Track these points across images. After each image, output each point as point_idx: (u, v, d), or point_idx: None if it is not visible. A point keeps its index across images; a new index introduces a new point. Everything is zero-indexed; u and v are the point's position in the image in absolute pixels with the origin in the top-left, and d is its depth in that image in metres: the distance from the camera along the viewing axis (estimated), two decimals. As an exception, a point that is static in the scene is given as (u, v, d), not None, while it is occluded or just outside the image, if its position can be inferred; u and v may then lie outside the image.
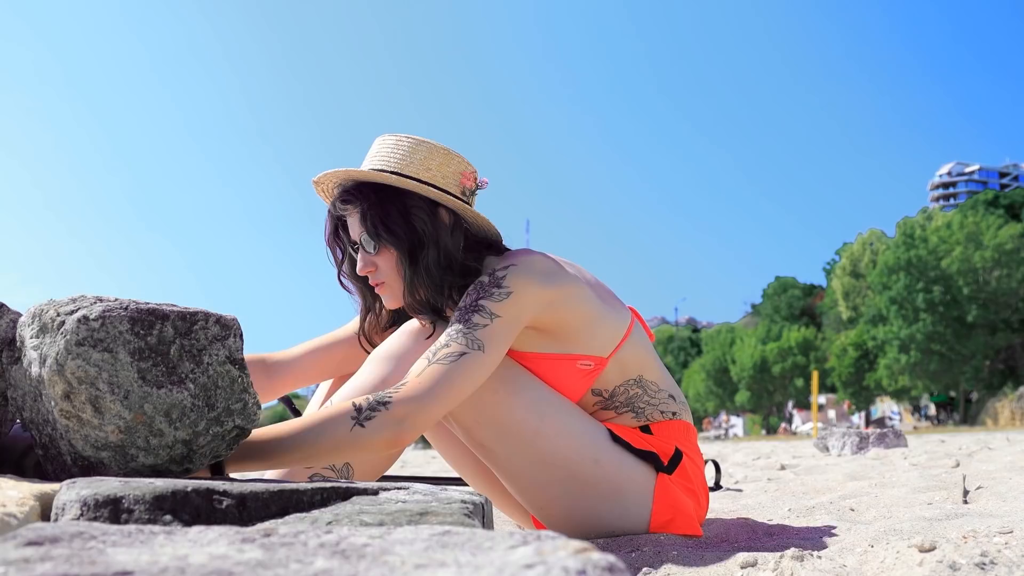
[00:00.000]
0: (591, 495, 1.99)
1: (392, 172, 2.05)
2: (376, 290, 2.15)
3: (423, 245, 2.05)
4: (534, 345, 2.04)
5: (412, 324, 2.13)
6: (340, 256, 2.24)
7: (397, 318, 2.30)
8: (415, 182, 2.03)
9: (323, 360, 2.40)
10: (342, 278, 2.27)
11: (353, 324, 2.41)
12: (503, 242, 2.16)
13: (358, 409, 1.77)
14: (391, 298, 2.13)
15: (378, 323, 2.32)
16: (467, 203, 2.09)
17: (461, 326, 1.89)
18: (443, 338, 1.89)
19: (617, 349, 2.07)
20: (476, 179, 2.13)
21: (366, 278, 2.20)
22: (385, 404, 1.78)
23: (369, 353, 2.27)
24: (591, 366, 2.04)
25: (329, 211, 2.20)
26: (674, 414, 2.13)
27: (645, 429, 2.10)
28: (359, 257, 2.12)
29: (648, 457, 2.02)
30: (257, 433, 1.72)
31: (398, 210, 2.06)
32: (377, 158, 2.11)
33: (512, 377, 1.99)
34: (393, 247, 2.07)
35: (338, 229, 2.21)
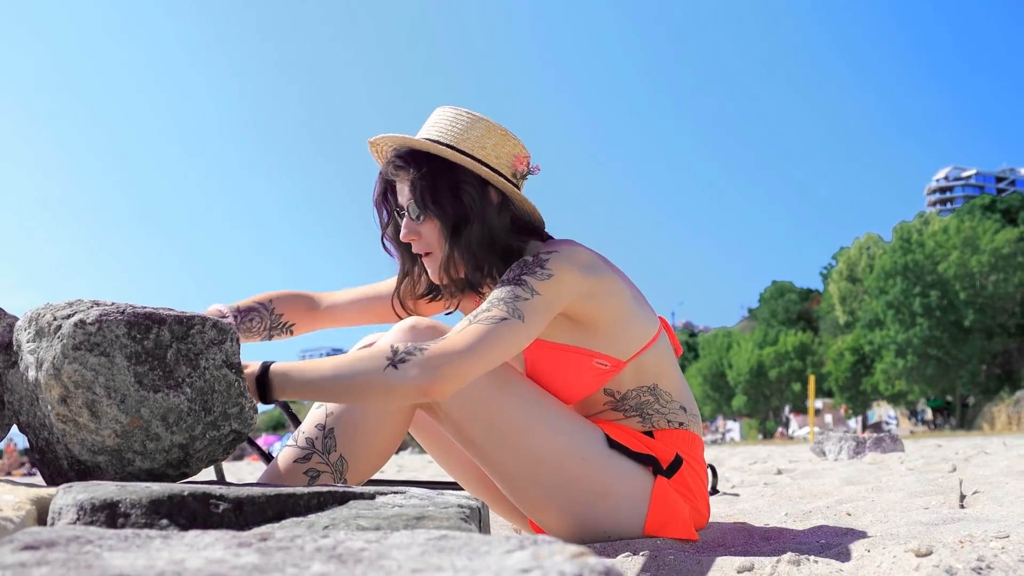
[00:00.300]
0: (582, 494, 1.99)
1: (448, 145, 2.05)
2: (423, 260, 2.15)
3: (468, 221, 2.05)
4: (555, 334, 2.04)
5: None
6: (386, 218, 2.22)
7: (432, 287, 2.29)
8: (468, 158, 2.03)
9: (365, 310, 2.44)
10: (385, 240, 2.26)
11: (384, 285, 2.43)
12: (545, 229, 2.16)
13: (394, 352, 1.78)
14: (435, 268, 2.12)
15: (414, 289, 2.30)
16: (516, 186, 2.10)
17: (504, 295, 1.89)
18: (485, 304, 1.88)
19: (637, 355, 2.07)
20: (529, 164, 2.14)
21: (409, 244, 2.19)
22: (421, 350, 1.78)
23: (400, 317, 2.29)
24: (607, 367, 2.04)
25: (381, 173, 2.19)
26: (681, 424, 2.13)
27: (649, 434, 2.10)
28: (403, 224, 2.11)
29: (646, 460, 2.02)
30: (303, 364, 1.78)
31: (448, 183, 2.05)
32: (435, 128, 2.11)
33: (502, 375, 2.00)
34: (438, 219, 2.06)
35: (387, 192, 2.20)
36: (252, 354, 1.74)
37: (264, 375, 1.75)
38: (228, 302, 2.36)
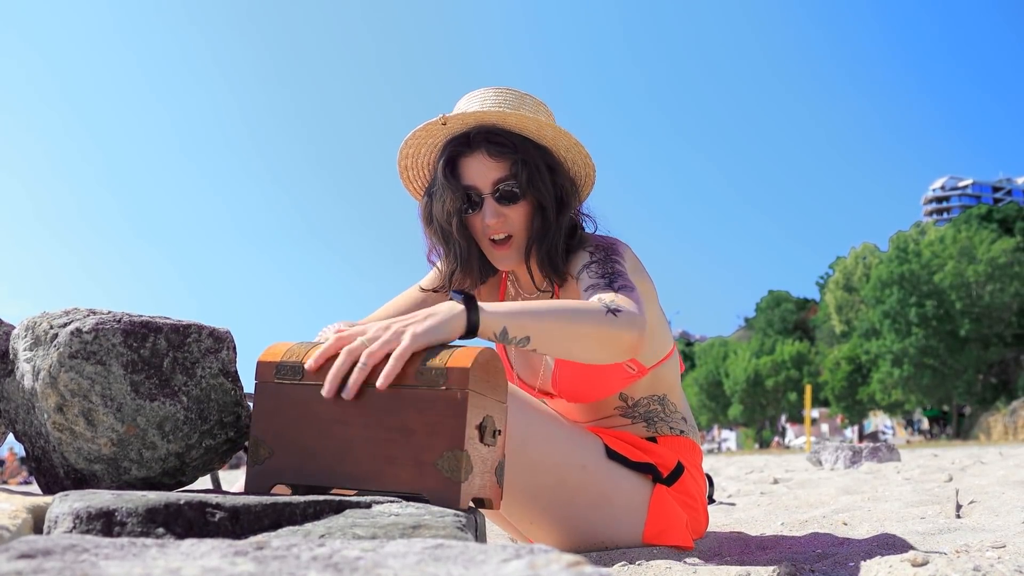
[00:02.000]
0: (581, 503, 1.98)
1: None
2: (496, 246, 2.04)
3: (563, 206, 2.03)
4: None
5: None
6: (448, 202, 2.04)
7: (484, 278, 2.18)
8: (572, 143, 2.02)
9: None
10: (443, 222, 2.07)
11: (412, 294, 2.27)
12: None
13: (604, 304, 1.71)
14: (513, 254, 2.04)
15: (473, 279, 2.15)
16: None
17: (613, 271, 1.89)
18: (603, 280, 1.86)
19: (658, 364, 2.10)
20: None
21: (466, 228, 2.07)
22: (625, 308, 1.72)
23: (435, 290, 2.21)
24: (634, 371, 2.06)
25: (447, 148, 2.04)
26: (682, 432, 2.16)
27: (652, 439, 2.11)
28: (488, 207, 2.00)
29: (646, 469, 2.02)
30: (506, 303, 1.66)
31: (546, 165, 2.02)
32: (521, 109, 2.04)
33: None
34: (537, 202, 2.01)
35: (451, 170, 2.04)
36: (249, 370, 1.65)
37: (472, 304, 1.56)
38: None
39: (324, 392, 1.38)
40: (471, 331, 1.53)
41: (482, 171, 2.00)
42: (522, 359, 2.24)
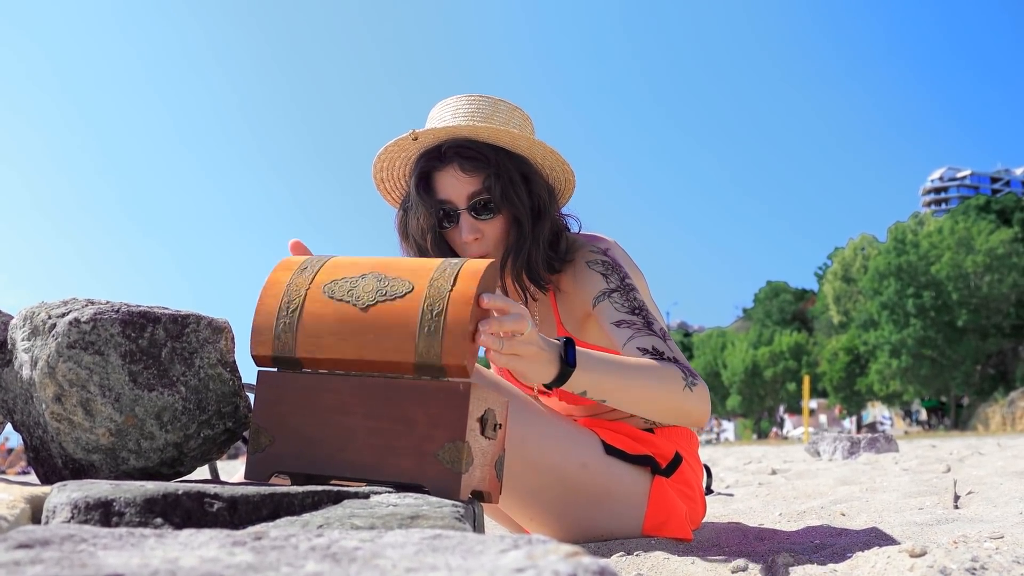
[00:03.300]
0: (581, 500, 1.97)
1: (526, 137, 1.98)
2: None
3: (540, 216, 2.01)
4: (595, 336, 2.08)
5: None
6: (423, 219, 2.03)
7: None
8: (547, 152, 2.00)
9: None
10: (418, 238, 2.06)
11: None
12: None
13: (684, 372, 1.75)
14: None
15: None
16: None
17: (638, 303, 1.93)
18: (648, 320, 1.89)
19: None
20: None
21: (444, 243, 2.06)
22: (697, 378, 1.76)
23: None
24: None
25: (419, 163, 2.03)
26: None
27: (649, 430, 2.10)
28: (464, 223, 1.99)
29: (644, 461, 2.02)
30: (597, 351, 1.69)
31: (521, 176, 1.99)
32: (494, 118, 2.01)
33: (498, 388, 1.97)
34: (512, 215, 2.00)
35: (425, 186, 2.03)
36: (248, 360, 1.63)
37: (569, 345, 1.63)
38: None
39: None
40: (555, 384, 1.62)
41: (456, 185, 1.99)
42: None
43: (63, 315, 1.42)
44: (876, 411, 56.15)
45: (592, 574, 0.63)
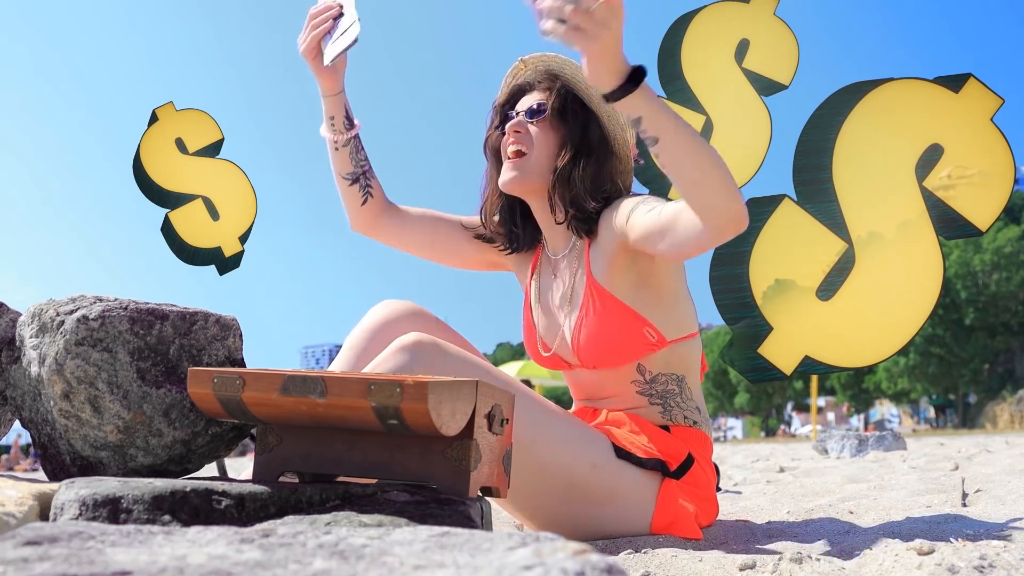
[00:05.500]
0: (590, 501, 1.97)
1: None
2: (508, 158, 2.14)
3: (589, 152, 2.09)
4: (622, 289, 2.08)
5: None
6: (498, 124, 2.22)
7: (504, 220, 2.28)
8: (611, 111, 2.10)
9: (428, 229, 2.38)
10: (484, 149, 2.27)
11: (457, 217, 2.40)
12: None
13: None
14: (520, 173, 2.12)
15: (490, 207, 2.30)
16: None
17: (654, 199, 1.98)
18: (648, 203, 1.94)
19: (679, 340, 2.10)
20: (636, 156, 2.22)
21: (496, 154, 2.22)
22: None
23: (476, 236, 2.34)
24: (654, 339, 2.06)
25: (514, 83, 2.22)
26: (695, 423, 2.14)
27: (665, 428, 2.10)
28: (513, 121, 2.14)
29: (654, 465, 2.01)
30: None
31: (583, 111, 2.11)
32: (578, 74, 2.12)
33: (509, 388, 1.96)
34: (564, 134, 2.10)
35: (507, 101, 2.21)
36: (255, 357, 1.63)
37: (642, 74, 1.61)
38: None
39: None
40: (615, 95, 1.60)
41: (526, 101, 2.15)
42: (546, 319, 2.24)
43: (71, 312, 1.42)
44: (884, 409, 56.07)
45: (600, 572, 0.63)
